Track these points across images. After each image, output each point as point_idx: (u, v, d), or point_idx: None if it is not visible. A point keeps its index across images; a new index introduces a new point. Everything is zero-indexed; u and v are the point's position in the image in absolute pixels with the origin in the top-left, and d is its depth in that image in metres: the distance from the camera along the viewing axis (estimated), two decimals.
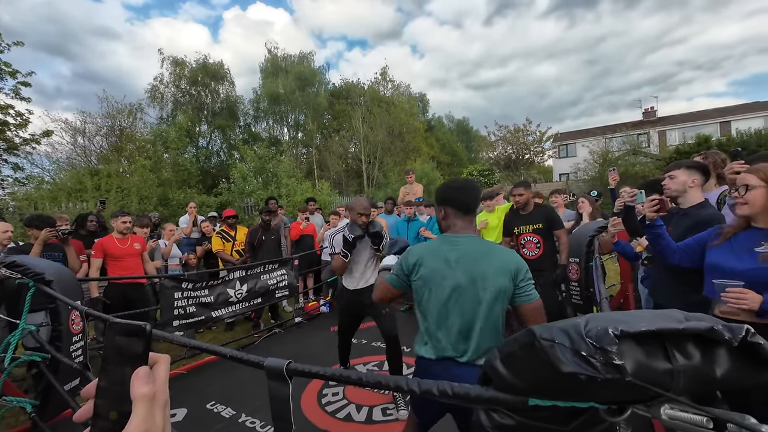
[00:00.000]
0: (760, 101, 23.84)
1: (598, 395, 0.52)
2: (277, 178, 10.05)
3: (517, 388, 0.63)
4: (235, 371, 3.47)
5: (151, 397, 0.37)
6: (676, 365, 0.46)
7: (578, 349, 0.48)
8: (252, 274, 4.21)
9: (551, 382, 0.55)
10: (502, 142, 24.21)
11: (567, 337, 0.50)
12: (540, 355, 0.54)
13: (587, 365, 0.47)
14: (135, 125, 16.63)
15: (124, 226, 3.74)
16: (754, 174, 1.50)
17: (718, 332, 0.46)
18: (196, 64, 21.80)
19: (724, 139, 14.58)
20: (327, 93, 26.21)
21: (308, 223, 5.66)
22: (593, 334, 0.48)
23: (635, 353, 0.47)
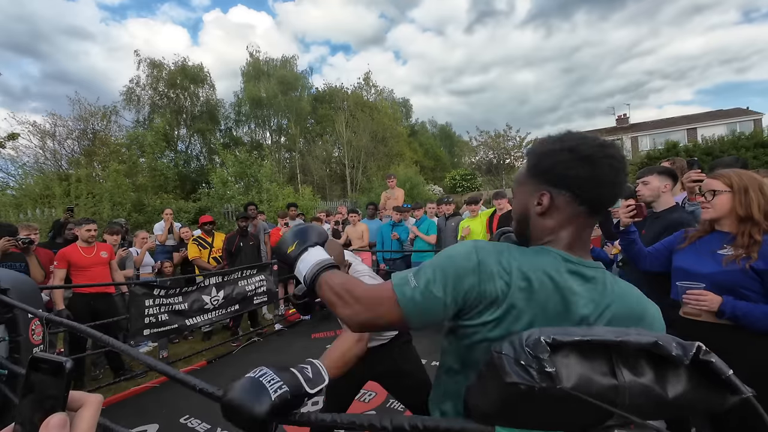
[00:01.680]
0: (723, 109, 25.31)
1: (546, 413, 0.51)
2: (259, 183, 9.87)
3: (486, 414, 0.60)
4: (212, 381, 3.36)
5: None
6: (622, 381, 0.45)
7: (518, 359, 0.48)
8: (229, 280, 4.10)
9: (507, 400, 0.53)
10: (484, 148, 24.67)
11: (511, 348, 0.50)
12: (492, 368, 0.53)
13: (525, 374, 0.47)
14: (109, 128, 16.05)
15: (89, 234, 3.57)
16: (719, 180, 1.53)
17: (663, 348, 0.45)
18: (174, 67, 21.27)
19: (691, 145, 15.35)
20: (310, 97, 26.06)
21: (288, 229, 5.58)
22: (530, 343, 0.48)
23: (578, 365, 0.46)
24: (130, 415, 2.85)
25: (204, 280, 3.91)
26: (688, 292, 1.49)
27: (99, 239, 3.82)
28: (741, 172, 1.54)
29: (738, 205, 1.46)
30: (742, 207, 1.45)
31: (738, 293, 1.42)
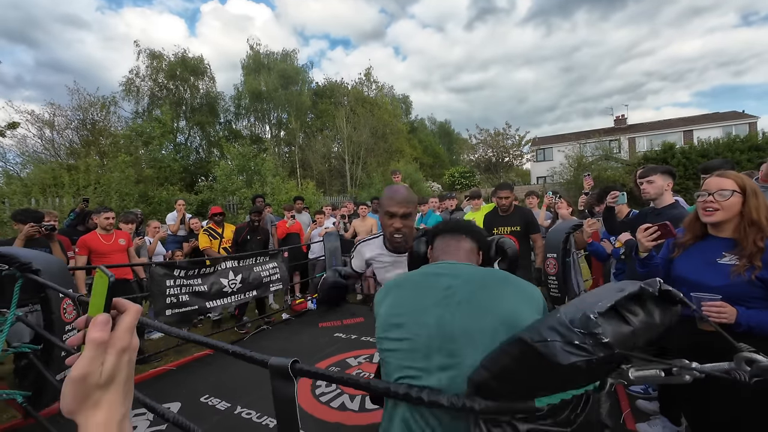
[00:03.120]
0: (719, 112, 25.62)
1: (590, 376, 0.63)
2: (261, 177, 9.95)
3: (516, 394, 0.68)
4: (226, 366, 3.50)
5: (100, 342, 0.39)
6: (634, 325, 0.58)
7: (570, 340, 0.56)
8: (244, 265, 4.27)
9: (550, 378, 0.62)
10: (483, 146, 24.84)
11: (556, 333, 0.57)
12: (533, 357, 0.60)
13: (583, 351, 0.55)
14: (109, 119, 15.98)
15: (107, 222, 3.68)
16: (731, 179, 1.41)
17: (645, 289, 0.60)
18: (174, 58, 21.14)
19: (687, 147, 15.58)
20: (310, 92, 26.03)
21: (294, 222, 5.70)
22: (578, 323, 0.57)
23: (608, 328, 0.57)
24: (151, 395, 2.97)
25: (220, 263, 4.07)
26: (708, 304, 1.37)
27: (115, 227, 3.92)
28: (744, 175, 1.44)
29: (751, 208, 1.35)
30: (754, 211, 1.34)
31: (746, 303, 1.36)
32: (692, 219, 1.52)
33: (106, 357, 0.40)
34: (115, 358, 0.41)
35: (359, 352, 3.64)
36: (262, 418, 2.55)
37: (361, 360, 3.48)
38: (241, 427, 2.47)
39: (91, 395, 0.39)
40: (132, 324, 0.43)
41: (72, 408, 0.39)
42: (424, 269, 1.07)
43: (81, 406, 0.39)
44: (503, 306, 0.87)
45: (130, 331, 0.42)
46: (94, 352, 0.39)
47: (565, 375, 0.60)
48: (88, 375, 0.39)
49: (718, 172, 1.47)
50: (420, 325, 0.90)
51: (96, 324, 0.40)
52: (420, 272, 1.06)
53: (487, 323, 0.84)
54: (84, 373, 0.39)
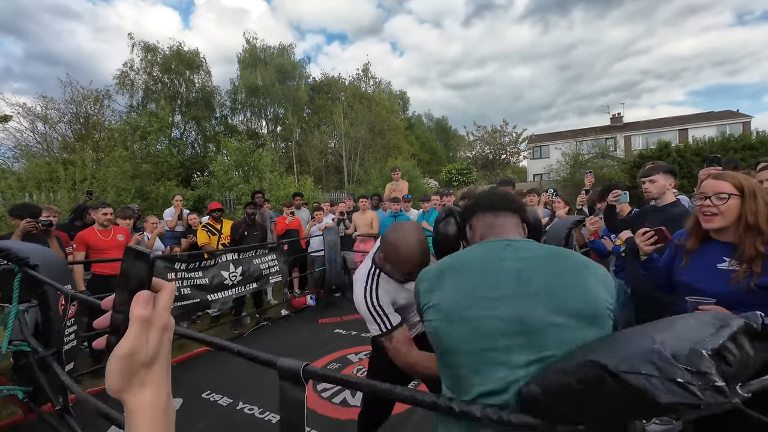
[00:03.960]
0: (714, 111, 25.84)
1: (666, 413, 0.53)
2: (259, 172, 9.89)
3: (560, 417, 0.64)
4: (226, 363, 3.50)
5: (145, 319, 0.39)
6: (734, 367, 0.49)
7: (672, 377, 0.48)
8: (244, 257, 4.29)
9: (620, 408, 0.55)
10: (480, 143, 24.86)
11: (654, 367, 0.49)
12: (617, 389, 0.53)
13: (687, 393, 0.47)
14: (102, 113, 15.76)
15: (105, 218, 3.65)
16: (728, 181, 1.34)
17: (750, 326, 0.52)
18: (169, 51, 20.85)
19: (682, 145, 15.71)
20: (307, 87, 25.85)
21: (293, 218, 5.68)
22: (684, 359, 0.48)
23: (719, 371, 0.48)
24: None
25: (220, 256, 4.07)
26: (701, 308, 1.35)
27: (113, 223, 3.89)
28: (745, 176, 1.38)
29: (748, 211, 1.29)
30: (752, 214, 1.28)
31: (744, 309, 1.32)
32: (694, 223, 1.46)
33: (149, 337, 0.40)
34: (158, 335, 0.41)
35: (360, 348, 3.66)
36: (265, 414, 2.56)
37: (362, 356, 3.49)
38: (244, 423, 2.47)
39: (138, 373, 0.39)
40: (169, 302, 0.43)
41: (120, 386, 0.39)
42: (483, 250, 0.94)
43: (128, 385, 0.39)
44: (587, 296, 0.80)
45: (168, 309, 0.42)
46: (139, 327, 0.39)
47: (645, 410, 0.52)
48: (135, 352, 0.38)
49: (715, 174, 1.43)
50: (496, 320, 0.80)
51: (139, 301, 0.40)
52: (479, 255, 0.93)
53: (572, 314, 0.77)
54: (131, 349, 0.38)
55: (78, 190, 7.15)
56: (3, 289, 2.57)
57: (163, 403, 0.41)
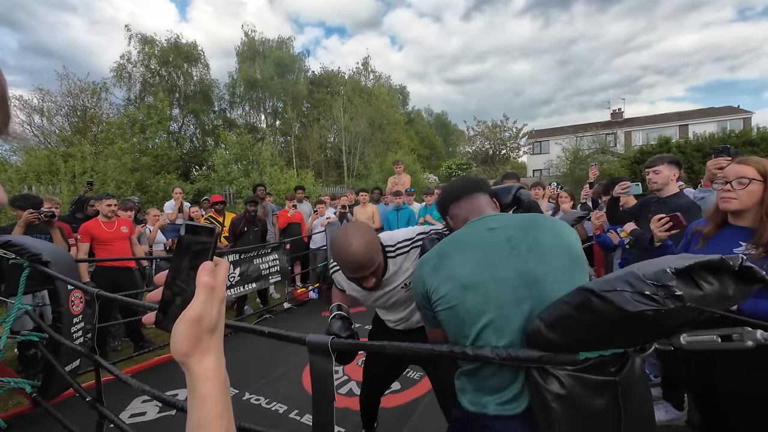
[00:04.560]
0: (714, 107, 25.83)
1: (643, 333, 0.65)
2: (259, 166, 9.85)
3: (562, 347, 0.72)
4: (231, 355, 3.50)
5: (212, 287, 0.41)
6: (705, 291, 0.60)
7: (640, 290, 0.58)
8: (245, 258, 4.23)
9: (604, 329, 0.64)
10: (480, 137, 24.77)
11: (627, 284, 0.60)
12: (599, 306, 0.62)
13: (651, 302, 0.58)
14: (100, 106, 15.62)
15: (109, 209, 3.63)
16: (751, 166, 1.36)
17: (725, 261, 0.61)
18: (167, 44, 20.65)
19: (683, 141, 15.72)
20: (306, 80, 25.67)
21: (295, 211, 5.67)
22: (651, 275, 0.60)
23: (682, 285, 0.59)
24: (157, 382, 2.97)
25: (222, 257, 4.04)
26: None
27: None
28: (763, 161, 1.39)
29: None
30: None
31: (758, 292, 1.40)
32: (714, 209, 1.48)
33: (213, 304, 0.42)
34: (219, 306, 0.43)
35: (363, 340, 3.66)
36: (271, 404, 2.57)
37: None
38: (250, 412, 2.48)
39: (203, 339, 0.41)
40: (225, 277, 0.45)
41: (186, 350, 0.40)
42: (473, 228, 1.07)
43: (194, 350, 0.40)
44: (564, 243, 0.97)
45: (225, 282, 0.45)
46: (206, 295, 0.41)
47: (622, 328, 0.62)
48: (203, 316, 0.40)
49: (739, 159, 1.44)
50: (500, 281, 0.92)
51: (206, 270, 0.42)
52: (471, 232, 1.05)
53: (559, 261, 0.93)
54: (200, 313, 0.40)
55: (78, 183, 7.11)
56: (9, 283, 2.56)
57: (224, 373, 0.43)
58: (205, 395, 0.41)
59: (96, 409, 1.78)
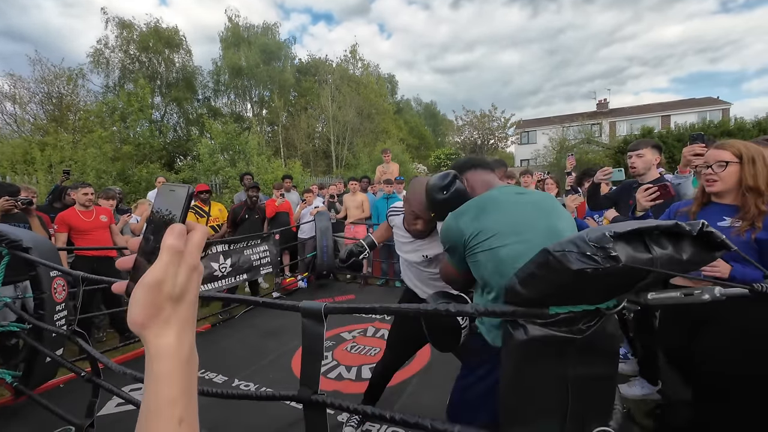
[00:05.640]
0: (695, 98, 26.42)
1: (600, 289, 0.70)
2: (246, 156, 9.66)
3: (534, 301, 0.78)
4: (221, 342, 3.50)
5: (177, 250, 0.37)
6: (654, 254, 0.64)
7: (584, 251, 0.64)
8: (235, 249, 4.20)
9: (563, 285, 0.70)
10: (469, 127, 24.81)
11: (574, 245, 0.66)
12: (554, 264, 0.68)
13: (591, 261, 0.63)
14: (76, 93, 15.01)
15: (86, 198, 3.52)
16: (728, 150, 1.47)
17: (682, 226, 0.65)
18: (146, 28, 19.84)
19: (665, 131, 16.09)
20: (293, 68, 25.10)
21: (284, 200, 5.61)
22: (594, 238, 0.65)
23: (626, 249, 0.64)
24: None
25: (211, 247, 3.98)
26: None
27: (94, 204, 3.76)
28: (746, 143, 1.52)
29: (747, 176, 1.43)
30: (751, 177, 1.42)
31: (740, 262, 1.49)
32: (700, 190, 1.60)
33: (178, 272, 0.37)
34: (188, 272, 0.38)
35: (352, 327, 3.71)
36: (261, 389, 2.59)
37: (355, 334, 3.55)
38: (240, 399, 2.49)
39: (163, 308, 0.36)
40: (200, 243, 0.40)
41: (142, 319, 0.36)
42: (502, 191, 1.29)
43: (152, 320, 0.36)
44: (566, 211, 1.28)
45: (199, 249, 0.40)
46: (170, 258, 0.36)
47: (575, 284, 0.68)
48: (162, 281, 0.36)
49: (716, 144, 1.56)
50: (537, 232, 1.12)
51: (173, 232, 0.37)
52: (502, 194, 1.28)
53: (570, 222, 1.22)
54: (159, 278, 0.36)
55: (55, 173, 6.85)
56: None
57: (186, 351, 0.38)
58: (159, 375, 0.36)
59: (93, 382, 1.77)
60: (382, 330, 3.56)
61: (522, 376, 0.80)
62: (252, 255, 4.38)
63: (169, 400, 0.35)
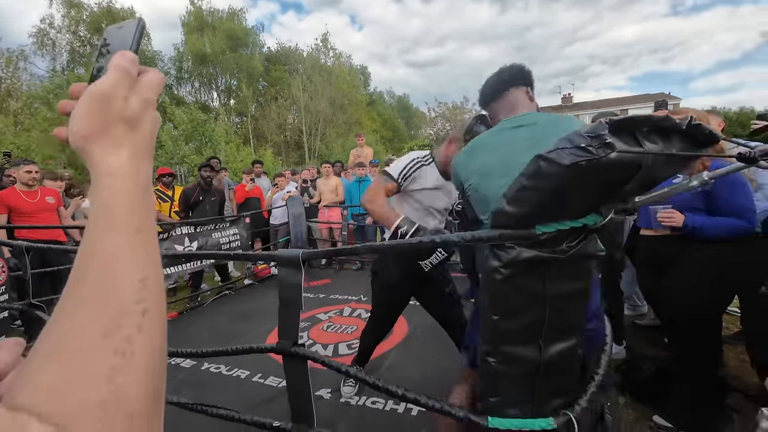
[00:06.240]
0: (650, 94, 28.24)
1: (589, 195, 0.67)
2: (212, 143, 9.20)
3: (521, 221, 0.74)
4: (187, 329, 3.31)
5: (126, 71, 0.32)
6: (645, 147, 0.62)
7: (578, 144, 0.61)
8: (202, 231, 3.97)
9: (554, 192, 0.67)
10: (441, 119, 25.10)
11: (568, 141, 0.63)
12: (546, 168, 0.65)
13: (585, 153, 0.60)
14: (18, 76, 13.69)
15: (29, 176, 3.19)
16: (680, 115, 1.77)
17: (672, 119, 0.64)
18: (97, 8, 18.38)
19: None
20: (262, 56, 24.21)
21: (254, 185, 5.39)
22: (588, 129, 0.62)
23: (619, 142, 0.61)
24: None
25: (174, 229, 3.74)
26: (662, 212, 1.72)
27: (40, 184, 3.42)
28: (696, 110, 1.66)
29: None
30: None
31: (691, 212, 1.69)
32: None
33: (130, 97, 0.32)
34: (141, 103, 0.32)
35: (328, 308, 3.63)
36: (233, 370, 2.47)
37: (331, 314, 3.47)
38: (210, 380, 2.37)
39: (113, 127, 0.30)
40: (156, 83, 0.34)
41: (86, 131, 0.30)
42: (499, 129, 1.23)
43: (100, 136, 0.30)
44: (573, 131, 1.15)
45: (154, 86, 0.34)
46: (118, 76, 0.31)
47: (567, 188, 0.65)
48: (111, 96, 0.30)
49: (671, 111, 1.74)
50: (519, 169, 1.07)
51: (124, 56, 0.32)
52: (497, 133, 1.22)
53: None
54: (106, 90, 0.30)
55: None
56: None
57: (144, 178, 0.32)
58: (112, 189, 0.29)
59: None
60: (359, 310, 3.51)
61: (504, 297, 0.77)
62: (221, 238, 4.17)
63: (124, 210, 0.29)
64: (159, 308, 0.29)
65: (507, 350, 0.79)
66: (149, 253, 0.30)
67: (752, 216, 1.66)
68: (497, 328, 0.78)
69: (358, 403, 2.04)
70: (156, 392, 0.27)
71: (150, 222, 0.31)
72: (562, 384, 0.83)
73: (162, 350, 0.28)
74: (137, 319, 0.26)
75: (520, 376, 0.79)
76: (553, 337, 0.79)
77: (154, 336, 0.27)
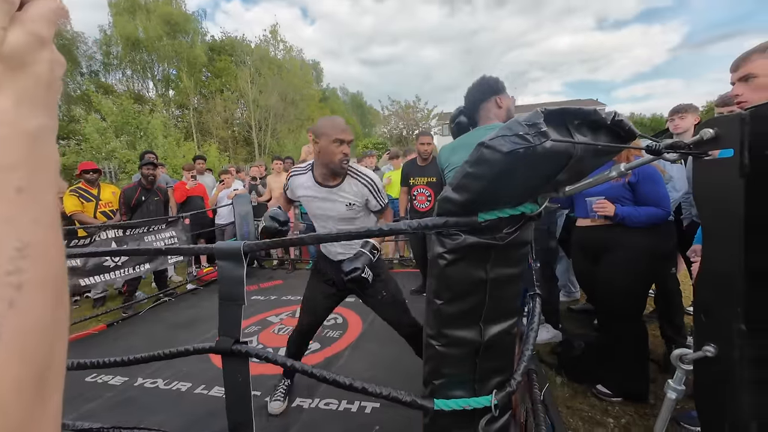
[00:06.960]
0: (581, 99, 31.15)
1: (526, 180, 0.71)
2: (149, 137, 8.37)
3: (465, 208, 0.76)
4: (117, 341, 3.00)
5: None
6: (576, 139, 0.67)
7: (516, 132, 0.64)
8: (132, 235, 3.58)
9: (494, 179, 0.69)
10: (395, 117, 25.42)
11: (507, 129, 0.66)
12: (488, 155, 0.67)
13: (523, 141, 0.63)
14: None
15: None
16: None
17: (599, 114, 0.69)
18: None
19: None
20: (205, 45, 22.61)
21: (195, 183, 5.02)
22: (526, 117, 0.66)
23: (553, 132, 0.65)
24: None
25: (99, 233, 3.34)
26: (597, 203, 1.93)
27: None
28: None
29: None
30: None
31: (620, 202, 1.93)
32: None
33: (10, 27, 0.25)
34: (25, 36, 0.26)
35: (280, 310, 3.50)
36: (171, 383, 2.28)
37: (283, 317, 3.36)
38: (144, 397, 2.16)
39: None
40: (48, 12, 0.27)
41: None
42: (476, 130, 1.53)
43: None
44: None
45: (47, 19, 0.27)
46: None
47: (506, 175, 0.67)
48: None
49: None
50: None
51: None
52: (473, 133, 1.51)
53: None
54: None
55: None
56: None
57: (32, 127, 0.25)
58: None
59: None
60: None
61: (448, 282, 0.80)
62: (155, 242, 3.81)
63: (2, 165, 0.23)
64: (45, 281, 0.24)
65: (450, 333, 0.82)
66: (36, 216, 0.25)
67: (668, 204, 1.91)
68: (441, 312, 0.80)
69: (310, 406, 1.99)
70: (37, 379, 0.22)
71: (40, 181, 0.26)
72: (500, 362, 0.88)
73: (48, 330, 0.24)
74: (8, 293, 0.22)
75: (463, 358, 0.83)
76: (492, 319, 0.83)
77: (33, 314, 0.23)
